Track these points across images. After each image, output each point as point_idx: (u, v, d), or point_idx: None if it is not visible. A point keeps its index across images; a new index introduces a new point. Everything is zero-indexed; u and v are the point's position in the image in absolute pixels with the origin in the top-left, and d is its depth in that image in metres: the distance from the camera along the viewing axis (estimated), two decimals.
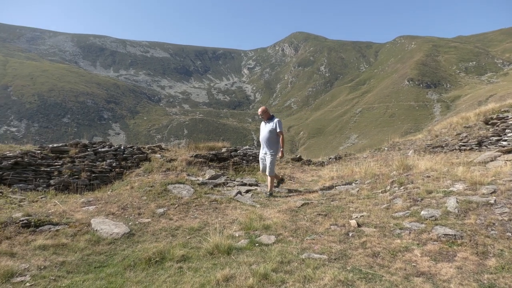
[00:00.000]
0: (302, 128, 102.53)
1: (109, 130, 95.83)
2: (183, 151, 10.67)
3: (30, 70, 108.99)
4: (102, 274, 3.63)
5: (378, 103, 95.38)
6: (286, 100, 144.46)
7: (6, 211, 5.63)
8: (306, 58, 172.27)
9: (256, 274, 3.29)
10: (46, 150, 8.80)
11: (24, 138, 64.59)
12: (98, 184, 8.15)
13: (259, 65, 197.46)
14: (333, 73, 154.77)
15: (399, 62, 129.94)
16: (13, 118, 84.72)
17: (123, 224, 5.13)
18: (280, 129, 7.21)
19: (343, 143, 79.45)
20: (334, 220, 4.95)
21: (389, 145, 14.43)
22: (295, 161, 12.05)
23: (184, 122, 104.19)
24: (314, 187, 8.06)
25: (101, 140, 10.37)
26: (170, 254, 4.00)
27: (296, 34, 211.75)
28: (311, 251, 3.93)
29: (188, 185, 7.31)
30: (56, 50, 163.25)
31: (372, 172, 7.62)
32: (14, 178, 7.52)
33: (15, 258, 3.93)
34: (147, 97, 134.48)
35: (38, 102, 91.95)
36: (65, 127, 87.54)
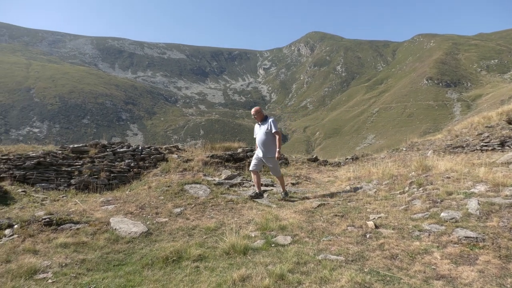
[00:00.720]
0: (318, 128, 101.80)
1: (127, 131, 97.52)
2: (200, 151, 10.76)
3: (51, 72, 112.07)
4: (121, 272, 3.69)
5: (395, 103, 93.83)
6: (302, 100, 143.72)
7: (29, 209, 5.81)
8: (322, 57, 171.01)
9: (272, 274, 3.29)
10: (67, 151, 9.02)
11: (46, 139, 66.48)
12: (116, 183, 8.30)
13: (275, 66, 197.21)
14: (350, 72, 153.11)
15: (417, 61, 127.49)
16: (36, 119, 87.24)
17: (141, 223, 5.21)
18: (276, 129, 6.86)
19: (359, 143, 78.47)
20: (351, 221, 4.90)
21: (407, 146, 14.18)
22: (311, 161, 11.98)
23: (200, 123, 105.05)
24: (331, 187, 8.00)
25: (119, 141, 10.57)
26: (187, 254, 4.04)
27: (312, 34, 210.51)
28: (328, 252, 3.90)
29: (205, 185, 7.37)
30: (76, 53, 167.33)
31: (390, 173, 7.50)
32: (37, 178, 7.74)
33: (38, 255, 4.05)
34: (164, 98, 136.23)
35: (59, 103, 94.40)
36: (85, 128, 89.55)
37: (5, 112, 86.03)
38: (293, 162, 11.56)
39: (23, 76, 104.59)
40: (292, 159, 11.99)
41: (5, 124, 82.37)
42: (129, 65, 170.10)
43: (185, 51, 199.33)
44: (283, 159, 11.29)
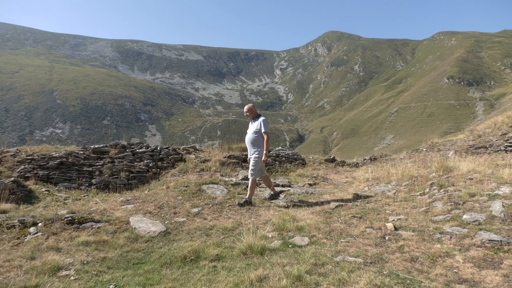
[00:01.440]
0: (335, 128, 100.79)
1: (145, 132, 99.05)
2: (217, 152, 10.83)
3: (73, 75, 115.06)
4: (140, 270, 3.75)
5: (415, 102, 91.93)
6: (319, 100, 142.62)
7: (52, 208, 5.99)
8: (340, 57, 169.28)
9: (290, 275, 3.28)
10: (88, 151, 9.24)
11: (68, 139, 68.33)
12: (136, 183, 8.45)
13: (292, 66, 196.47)
14: (368, 72, 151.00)
15: (438, 59, 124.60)
16: (58, 120, 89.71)
17: (160, 222, 5.29)
18: (265, 129, 6.48)
19: (378, 143, 77.24)
20: (370, 222, 4.83)
21: (427, 146, 13.88)
22: (328, 162, 11.88)
23: (217, 123, 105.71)
24: (348, 188, 7.91)
25: (138, 141, 10.76)
26: (204, 253, 4.07)
27: (329, 34, 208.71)
28: (346, 254, 3.86)
29: (222, 186, 7.41)
30: (97, 55, 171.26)
31: (409, 174, 7.36)
32: (60, 177, 7.97)
33: (60, 253, 4.16)
34: (181, 99, 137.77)
35: (81, 105, 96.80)
36: (105, 128, 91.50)
37: (30, 113, 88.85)
38: (310, 163, 11.49)
39: (47, 79, 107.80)
40: (309, 160, 11.92)
41: (29, 125, 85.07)
42: (148, 67, 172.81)
43: (202, 53, 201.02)
44: (300, 159, 11.24)
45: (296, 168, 10.58)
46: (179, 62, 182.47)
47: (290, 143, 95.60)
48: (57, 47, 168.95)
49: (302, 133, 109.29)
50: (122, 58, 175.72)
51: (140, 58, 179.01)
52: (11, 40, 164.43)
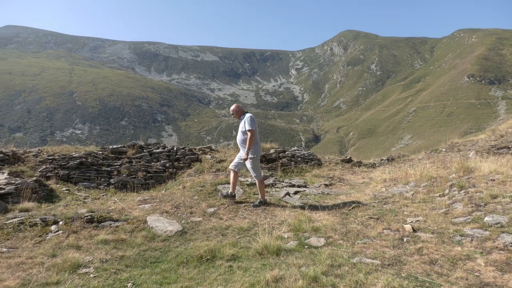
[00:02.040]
0: (352, 128, 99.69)
1: (162, 132, 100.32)
2: (233, 152, 10.87)
3: (92, 77, 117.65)
4: (158, 269, 3.80)
5: (434, 102, 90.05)
6: (335, 100, 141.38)
7: (72, 207, 6.13)
8: (356, 56, 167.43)
9: (306, 276, 3.26)
10: (107, 151, 9.43)
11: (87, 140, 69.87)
12: (153, 183, 8.57)
13: (307, 66, 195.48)
14: (385, 71, 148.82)
15: (458, 57, 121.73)
16: (78, 121, 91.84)
17: (176, 222, 5.34)
18: (249, 126, 6.13)
19: (395, 144, 75.99)
20: (387, 224, 4.76)
21: (447, 146, 13.56)
22: (344, 162, 11.77)
23: (233, 124, 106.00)
24: (365, 189, 7.81)
25: (155, 142, 10.91)
26: (220, 253, 4.09)
27: (345, 33, 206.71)
28: (363, 256, 3.81)
29: (237, 186, 7.43)
30: (115, 57, 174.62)
31: (428, 175, 7.21)
32: (79, 177, 8.15)
33: (80, 250, 4.26)
34: (197, 99, 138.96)
35: (100, 106, 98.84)
36: (123, 129, 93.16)
37: (51, 114, 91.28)
38: (326, 163, 11.40)
39: (67, 81, 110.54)
40: (325, 160, 11.83)
41: (50, 126, 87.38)
42: (164, 68, 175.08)
43: (218, 53, 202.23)
44: (316, 159, 11.16)
45: (312, 168, 10.51)
46: (195, 63, 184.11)
47: (306, 143, 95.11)
48: (77, 49, 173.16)
49: (318, 133, 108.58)
50: (139, 59, 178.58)
51: (156, 59, 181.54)
52: (33, 44, 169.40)
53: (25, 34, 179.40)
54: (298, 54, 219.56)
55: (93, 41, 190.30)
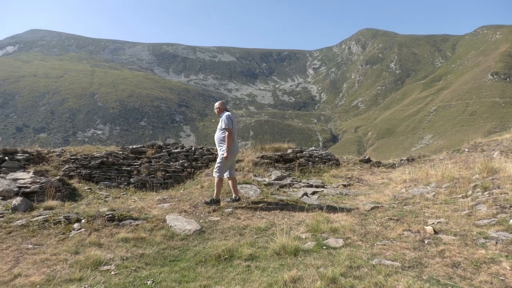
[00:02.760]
0: (370, 128, 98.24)
1: (180, 132, 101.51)
2: (250, 152, 10.90)
3: (113, 78, 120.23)
4: (176, 267, 3.85)
5: (456, 100, 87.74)
6: (353, 99, 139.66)
7: (94, 205, 6.28)
8: (375, 55, 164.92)
9: (324, 277, 3.23)
10: (127, 151, 9.61)
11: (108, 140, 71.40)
12: (171, 182, 8.69)
13: (325, 65, 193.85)
14: (404, 70, 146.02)
15: (481, 54, 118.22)
16: (99, 122, 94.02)
17: (195, 221, 5.40)
18: (225, 125, 6.06)
19: (415, 144, 74.42)
20: (408, 225, 4.67)
21: (469, 146, 13.19)
22: (363, 162, 11.61)
23: (250, 124, 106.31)
24: (385, 190, 7.69)
25: (174, 142, 11.05)
26: (238, 252, 4.10)
27: (364, 31, 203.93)
28: (382, 257, 3.75)
29: (255, 186, 7.45)
30: (134, 59, 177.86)
31: (450, 175, 7.04)
32: (101, 176, 8.35)
33: (102, 248, 4.36)
34: (215, 100, 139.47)
35: (120, 107, 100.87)
36: (142, 129, 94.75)
37: (73, 115, 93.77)
38: (344, 163, 11.29)
39: (88, 82, 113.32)
40: (343, 160, 11.71)
41: (73, 127, 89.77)
42: (182, 69, 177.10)
43: (235, 54, 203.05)
44: (334, 159, 11.07)
45: (330, 168, 10.43)
46: (212, 63, 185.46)
47: (323, 143, 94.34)
48: (98, 52, 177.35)
49: (336, 133, 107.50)
50: (158, 61, 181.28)
51: (175, 60, 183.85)
52: (56, 47, 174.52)
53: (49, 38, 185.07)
54: (315, 53, 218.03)
55: (114, 43, 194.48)
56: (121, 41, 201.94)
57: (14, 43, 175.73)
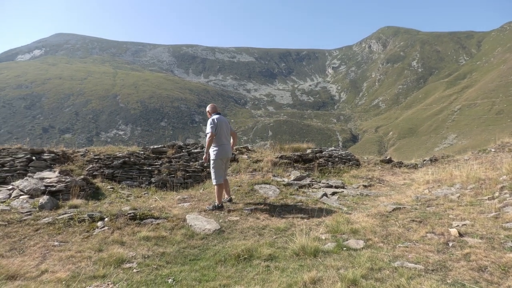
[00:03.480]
0: (391, 128, 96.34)
1: (200, 132, 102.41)
2: (269, 152, 10.89)
3: (134, 80, 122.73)
4: (196, 266, 3.89)
5: (481, 99, 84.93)
6: (374, 99, 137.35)
7: (116, 204, 6.42)
8: (396, 53, 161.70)
9: (344, 279, 3.19)
10: (148, 151, 9.78)
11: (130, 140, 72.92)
12: (191, 182, 8.78)
13: (344, 64, 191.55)
14: (427, 68, 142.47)
15: (508, 51, 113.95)
16: (121, 122, 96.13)
17: (214, 221, 5.44)
18: (207, 130, 6.14)
19: (439, 144, 72.48)
20: (431, 227, 4.55)
21: (496, 146, 12.74)
22: (384, 163, 11.41)
23: (269, 124, 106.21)
24: (407, 191, 7.53)
25: (193, 142, 11.16)
26: (257, 252, 4.11)
27: (384, 29, 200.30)
28: (405, 260, 3.67)
29: (274, 186, 7.44)
30: (155, 60, 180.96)
31: (475, 176, 6.82)
32: (123, 176, 8.52)
33: (124, 246, 4.45)
34: (234, 100, 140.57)
35: (141, 108, 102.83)
36: (162, 130, 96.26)
37: (96, 116, 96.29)
38: (365, 164, 11.12)
39: (111, 84, 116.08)
40: (364, 160, 11.54)
41: (96, 127, 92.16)
42: (202, 70, 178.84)
43: (254, 54, 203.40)
44: (354, 160, 10.92)
45: (350, 169, 10.30)
46: (231, 64, 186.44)
47: (343, 143, 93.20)
48: (120, 54, 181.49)
49: (356, 133, 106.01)
50: (178, 62, 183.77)
51: (194, 61, 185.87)
52: (81, 50, 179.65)
53: (73, 41, 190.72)
54: (335, 52, 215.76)
55: (135, 46, 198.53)
56: (142, 43, 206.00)
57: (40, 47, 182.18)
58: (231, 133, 6.54)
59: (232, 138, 6.58)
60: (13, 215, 5.32)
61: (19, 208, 5.70)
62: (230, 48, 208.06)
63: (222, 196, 6.26)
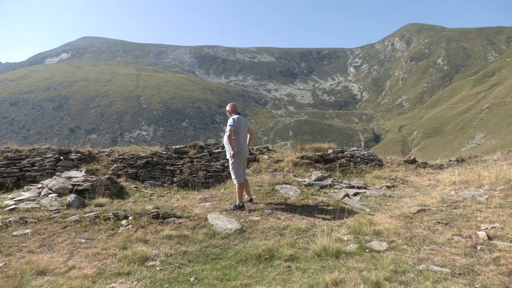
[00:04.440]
0: (416, 127, 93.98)
1: (221, 133, 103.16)
2: (289, 152, 10.85)
3: (156, 81, 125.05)
4: (218, 266, 3.92)
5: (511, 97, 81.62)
6: (397, 98, 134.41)
7: (140, 203, 6.56)
8: (420, 51, 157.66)
9: (367, 281, 3.14)
10: (170, 151, 9.94)
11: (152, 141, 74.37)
12: (212, 182, 8.86)
13: (366, 63, 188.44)
14: (453, 65, 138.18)
15: None
16: (144, 123, 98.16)
17: (235, 220, 5.47)
18: (227, 128, 6.18)
19: (465, 143, 70.16)
20: (458, 230, 4.41)
21: None
22: (408, 163, 11.15)
23: (289, 124, 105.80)
24: (432, 192, 7.33)
25: (214, 142, 11.26)
26: (278, 253, 4.10)
27: (408, 26, 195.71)
28: (430, 263, 3.57)
29: (295, 186, 7.40)
30: (177, 62, 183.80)
31: (505, 177, 6.57)
32: (146, 175, 8.70)
33: (147, 244, 4.54)
34: (254, 100, 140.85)
35: (163, 109, 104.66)
36: (184, 130, 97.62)
37: (120, 117, 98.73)
38: (388, 164, 10.90)
39: (134, 85, 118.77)
40: (387, 161, 11.32)
41: (120, 128, 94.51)
42: (222, 71, 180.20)
43: (274, 54, 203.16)
44: (376, 160, 10.73)
45: (372, 169, 10.12)
46: (252, 64, 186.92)
47: (365, 143, 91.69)
48: (143, 56, 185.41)
49: (378, 132, 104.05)
50: (199, 63, 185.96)
51: (215, 62, 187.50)
52: (105, 52, 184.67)
53: (98, 44, 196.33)
54: (356, 51, 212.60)
55: (157, 48, 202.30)
56: (164, 45, 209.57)
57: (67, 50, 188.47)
58: (249, 131, 6.60)
59: (249, 136, 6.63)
60: (42, 212, 5.53)
61: (48, 206, 5.91)
62: (251, 48, 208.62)
63: (243, 196, 6.30)
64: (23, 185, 7.76)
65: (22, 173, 8.19)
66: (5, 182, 7.83)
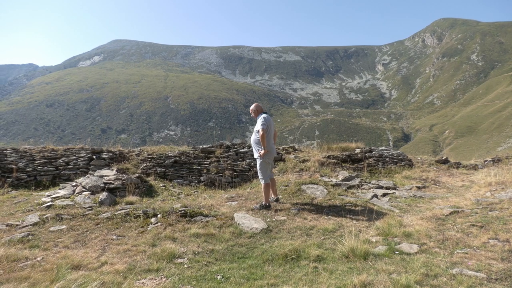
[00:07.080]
0: (448, 126, 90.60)
1: (246, 132, 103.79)
2: (316, 152, 10.75)
3: (184, 82, 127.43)
4: (244, 264, 3.94)
5: None
6: (428, 96, 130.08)
7: (168, 202, 6.70)
8: (453, 47, 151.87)
9: (397, 284, 3.06)
10: (197, 151, 10.09)
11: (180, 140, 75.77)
12: (238, 181, 8.92)
13: (395, 60, 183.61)
14: (488, 61, 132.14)
15: None
16: (171, 123, 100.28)
17: (261, 220, 5.48)
18: (258, 127, 6.02)
19: (502, 143, 66.87)
20: (494, 233, 4.22)
21: None
22: (440, 163, 10.77)
23: (316, 123, 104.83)
24: (465, 193, 7.04)
25: (240, 142, 11.33)
26: (305, 253, 4.07)
27: (440, 22, 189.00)
28: (464, 267, 3.44)
29: (321, 186, 7.33)
30: (203, 62, 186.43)
31: None
32: (174, 174, 8.87)
33: (176, 242, 4.63)
34: (280, 100, 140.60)
35: (190, 109, 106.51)
36: (210, 130, 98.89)
37: (149, 118, 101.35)
38: (418, 164, 10.58)
39: (162, 86, 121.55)
40: (417, 161, 10.98)
41: (149, 128, 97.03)
42: (248, 71, 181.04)
43: (301, 53, 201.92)
44: (406, 160, 10.44)
45: (402, 169, 9.85)
46: (277, 64, 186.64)
47: (394, 142, 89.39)
48: (170, 57, 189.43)
49: (408, 132, 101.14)
50: (225, 63, 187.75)
51: (241, 62, 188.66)
52: (135, 55, 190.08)
53: (128, 47, 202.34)
54: (385, 48, 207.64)
55: (185, 49, 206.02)
56: (191, 46, 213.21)
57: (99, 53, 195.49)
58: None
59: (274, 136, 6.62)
60: (76, 209, 5.76)
61: (81, 203, 6.16)
62: (276, 48, 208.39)
63: (269, 195, 6.30)
64: (59, 183, 8.12)
65: (58, 171, 8.57)
66: (42, 180, 8.24)
